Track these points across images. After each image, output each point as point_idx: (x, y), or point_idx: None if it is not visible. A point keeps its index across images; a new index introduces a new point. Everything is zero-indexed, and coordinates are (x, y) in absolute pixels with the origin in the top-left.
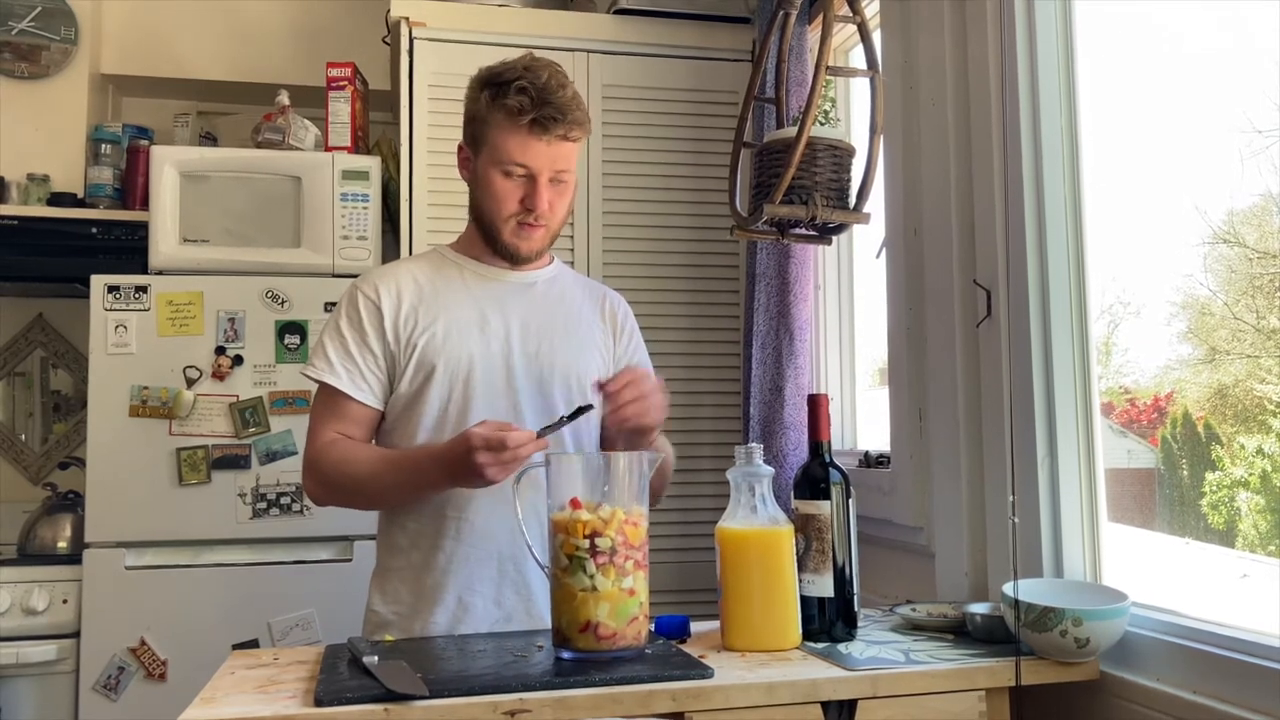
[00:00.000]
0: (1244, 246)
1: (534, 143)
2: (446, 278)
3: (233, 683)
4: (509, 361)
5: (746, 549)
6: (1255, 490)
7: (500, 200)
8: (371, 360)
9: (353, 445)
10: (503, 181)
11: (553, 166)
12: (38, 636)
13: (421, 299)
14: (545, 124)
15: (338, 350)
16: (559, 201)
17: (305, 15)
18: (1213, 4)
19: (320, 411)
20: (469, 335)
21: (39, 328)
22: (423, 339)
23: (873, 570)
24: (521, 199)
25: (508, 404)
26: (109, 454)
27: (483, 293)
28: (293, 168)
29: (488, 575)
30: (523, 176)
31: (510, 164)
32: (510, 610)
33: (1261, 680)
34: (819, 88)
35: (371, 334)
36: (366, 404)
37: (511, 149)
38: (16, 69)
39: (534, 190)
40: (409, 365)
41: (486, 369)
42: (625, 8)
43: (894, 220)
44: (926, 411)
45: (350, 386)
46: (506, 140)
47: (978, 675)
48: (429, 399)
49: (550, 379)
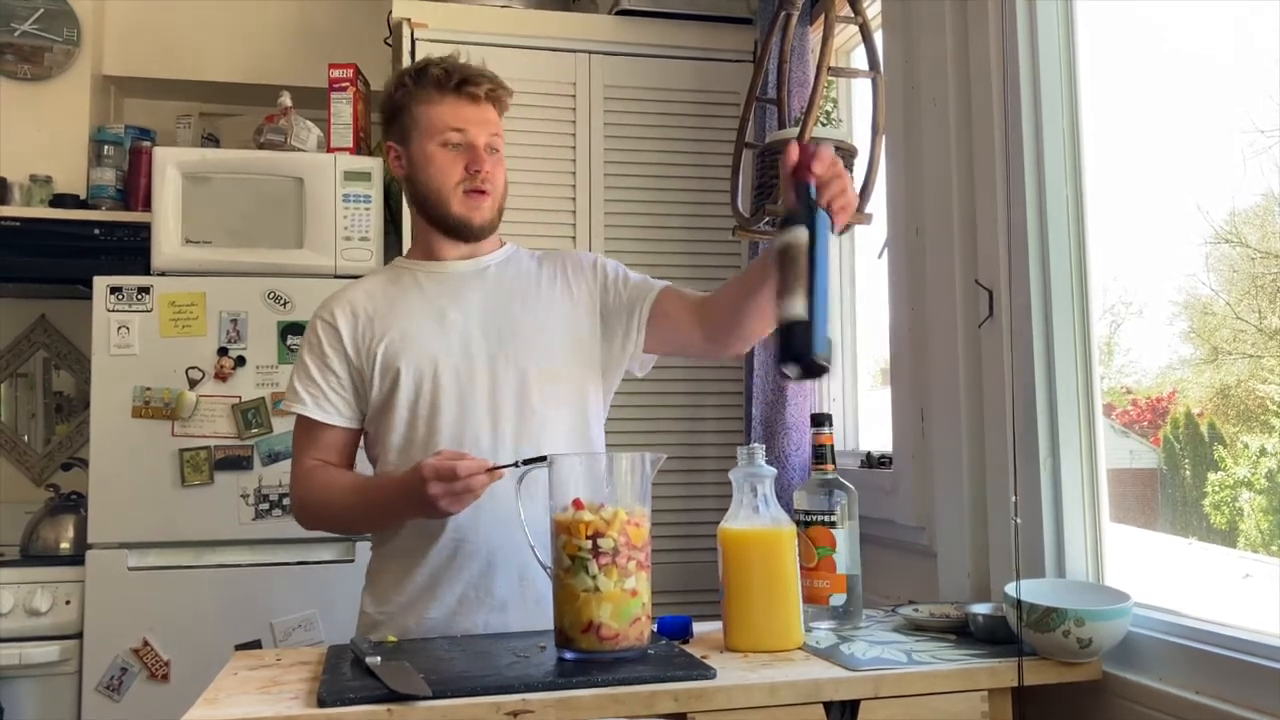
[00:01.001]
0: (1246, 246)
1: (465, 107)
2: (401, 285)
3: (235, 683)
4: (470, 350)
5: (749, 549)
6: (1258, 490)
7: (443, 170)
8: (334, 380)
9: (328, 475)
10: (442, 153)
11: (487, 131)
12: (40, 637)
13: (377, 310)
14: (472, 84)
15: (302, 378)
16: (497, 171)
17: (307, 16)
18: (1215, 3)
19: (298, 441)
20: (428, 333)
21: (41, 329)
22: (382, 346)
23: (875, 570)
24: (465, 165)
25: (479, 392)
26: (111, 455)
27: (437, 289)
28: (295, 169)
29: (477, 568)
30: (459, 145)
31: (447, 131)
32: (503, 601)
33: (1264, 680)
34: (821, 88)
35: (332, 355)
36: (335, 425)
37: (446, 116)
38: (19, 70)
39: (475, 154)
40: (374, 375)
41: (451, 362)
42: (627, 8)
43: (896, 220)
44: (928, 412)
45: (316, 410)
46: (440, 111)
47: (980, 676)
48: (398, 402)
49: (515, 357)
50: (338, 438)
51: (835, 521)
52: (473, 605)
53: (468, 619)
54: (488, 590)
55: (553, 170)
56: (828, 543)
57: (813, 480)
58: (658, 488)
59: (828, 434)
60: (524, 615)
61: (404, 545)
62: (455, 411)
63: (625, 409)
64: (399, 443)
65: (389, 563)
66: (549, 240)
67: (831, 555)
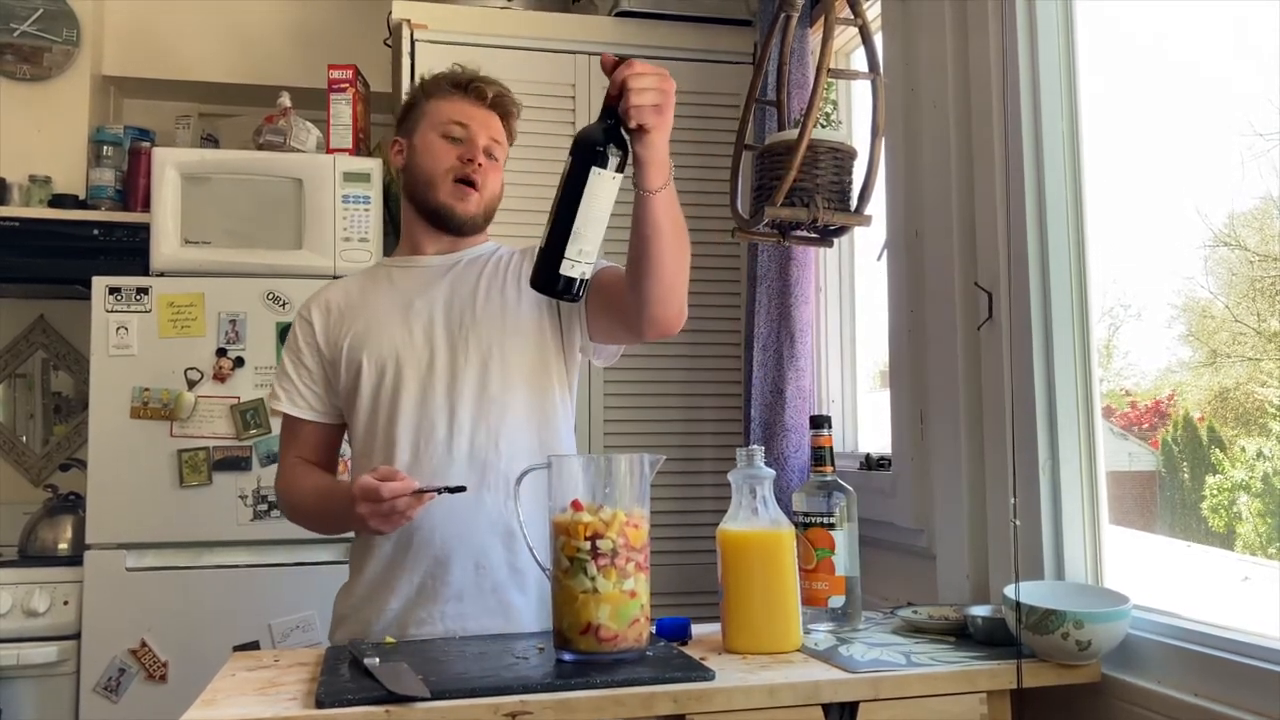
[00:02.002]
0: (1245, 249)
1: (471, 107)
2: (375, 280)
3: (233, 684)
4: (431, 337)
5: (748, 551)
6: (1256, 494)
7: (437, 157)
8: (306, 375)
9: (299, 474)
10: (441, 143)
11: (488, 133)
12: (38, 638)
13: (349, 304)
14: (482, 88)
15: (280, 376)
16: (492, 174)
17: (307, 17)
18: (1214, 7)
19: (281, 437)
20: (391, 325)
21: (40, 329)
22: (347, 339)
23: (874, 572)
24: (459, 154)
25: (438, 381)
26: (110, 455)
27: (407, 283)
28: (294, 170)
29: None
30: (459, 139)
31: (449, 124)
32: (470, 609)
33: (1262, 683)
34: (820, 90)
35: (305, 350)
36: (307, 419)
37: (451, 111)
38: (18, 70)
39: (473, 146)
40: (342, 366)
41: (413, 352)
42: (627, 10)
43: (895, 222)
44: (928, 414)
45: (289, 405)
46: (446, 105)
47: (979, 678)
48: (361, 391)
49: (474, 348)
50: (314, 433)
51: (834, 523)
52: (430, 596)
53: (425, 609)
54: (444, 580)
55: (551, 172)
56: (827, 544)
57: (812, 482)
58: (656, 489)
59: (827, 436)
60: (481, 605)
61: (364, 541)
62: (415, 399)
63: (624, 410)
64: (362, 432)
65: (354, 559)
66: None
67: (830, 557)
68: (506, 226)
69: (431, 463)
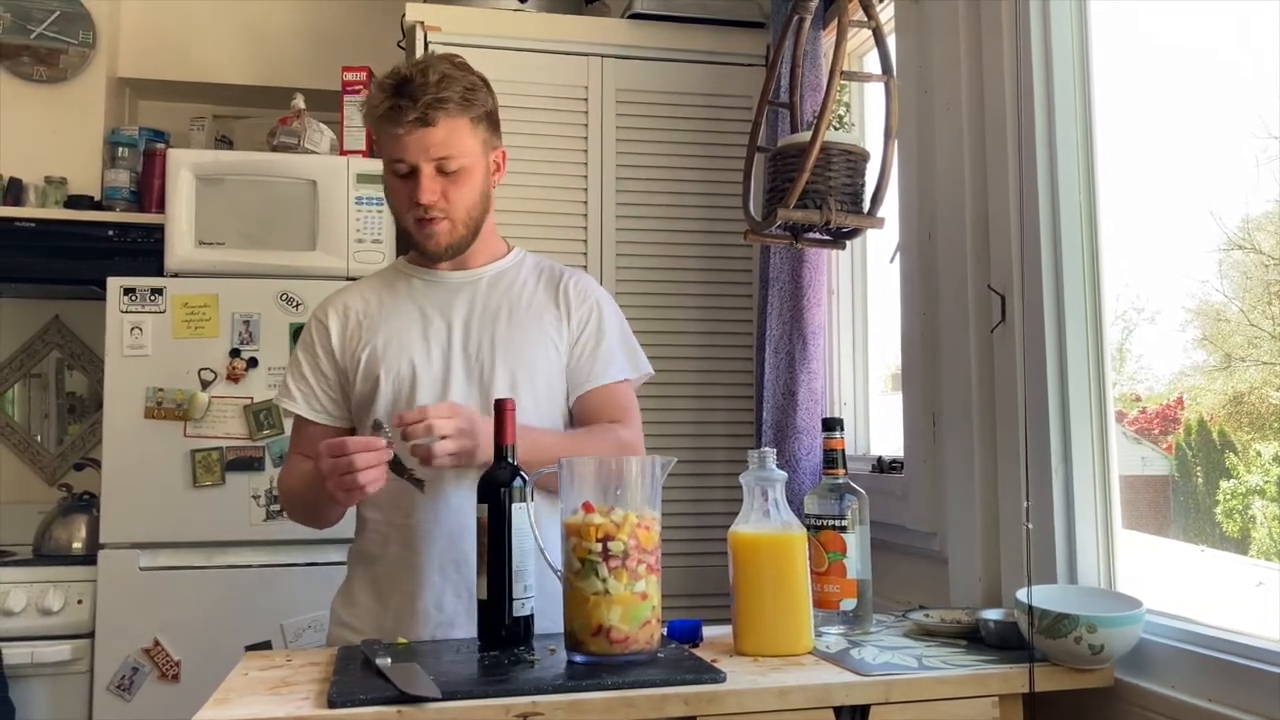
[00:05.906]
0: (1260, 253)
1: (395, 134)
2: (395, 291)
3: (246, 684)
4: (449, 361)
5: (759, 553)
6: (1270, 498)
7: (398, 200)
8: (323, 380)
9: (294, 465)
10: (394, 181)
11: (428, 155)
12: (52, 636)
13: (367, 314)
14: (396, 114)
15: (294, 376)
16: (454, 190)
17: (321, 19)
18: (1228, 9)
19: (292, 438)
20: (411, 342)
21: (55, 329)
22: (365, 353)
23: (886, 575)
24: (409, 194)
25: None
26: (124, 455)
27: (427, 298)
28: (308, 171)
29: (429, 580)
30: (406, 174)
31: (391, 161)
32: (452, 615)
33: (1276, 688)
34: (833, 92)
35: (322, 355)
36: (322, 423)
37: (390, 145)
38: (35, 72)
39: (416, 184)
40: (357, 378)
41: (428, 373)
42: (640, 12)
43: (908, 225)
44: (940, 417)
45: (305, 409)
46: (386, 137)
47: (991, 681)
48: (377, 405)
49: (491, 373)
50: (324, 435)
51: (846, 526)
52: (428, 600)
53: (422, 614)
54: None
55: (564, 174)
56: (838, 547)
57: (823, 485)
58: (668, 491)
59: (839, 438)
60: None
61: (364, 543)
62: None
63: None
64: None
65: (356, 567)
66: (561, 243)
67: (842, 560)
68: (519, 228)
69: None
